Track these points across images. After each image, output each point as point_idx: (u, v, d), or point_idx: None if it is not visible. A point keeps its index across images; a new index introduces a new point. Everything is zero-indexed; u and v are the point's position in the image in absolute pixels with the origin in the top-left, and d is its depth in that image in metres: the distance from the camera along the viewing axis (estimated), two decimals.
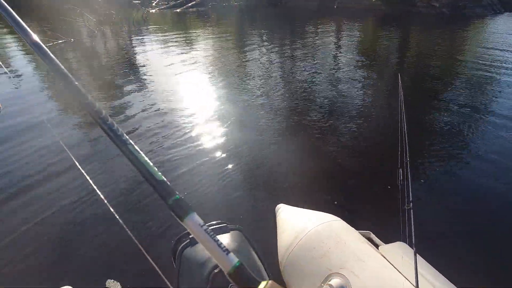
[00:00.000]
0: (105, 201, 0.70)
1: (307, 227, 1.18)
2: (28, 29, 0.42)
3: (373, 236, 1.42)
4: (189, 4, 19.72)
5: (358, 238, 1.17)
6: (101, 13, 13.59)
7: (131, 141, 0.36)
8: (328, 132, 3.65)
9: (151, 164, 0.35)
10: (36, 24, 11.65)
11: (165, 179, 0.34)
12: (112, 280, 1.70)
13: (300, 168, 2.92)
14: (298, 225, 1.23)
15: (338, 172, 2.87)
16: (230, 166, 2.90)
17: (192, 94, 4.94)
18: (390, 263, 1.02)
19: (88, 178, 0.81)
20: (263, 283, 0.30)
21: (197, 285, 0.79)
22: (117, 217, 0.67)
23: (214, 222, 0.97)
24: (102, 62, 7.18)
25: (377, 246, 1.23)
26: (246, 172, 2.84)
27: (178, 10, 18.24)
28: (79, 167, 0.86)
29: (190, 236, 0.90)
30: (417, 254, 0.95)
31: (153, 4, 19.35)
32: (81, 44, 8.88)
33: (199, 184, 2.63)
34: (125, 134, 0.37)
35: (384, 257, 1.06)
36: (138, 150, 0.36)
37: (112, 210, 0.68)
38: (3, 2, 0.44)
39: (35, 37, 0.42)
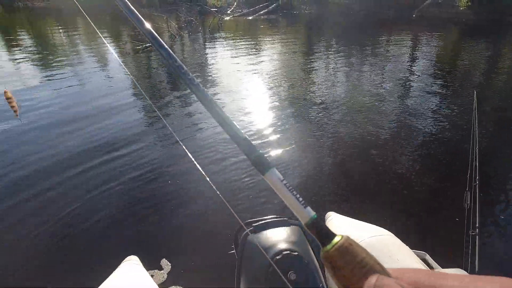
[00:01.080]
0: (199, 167, 0.79)
1: (357, 238, 1.14)
2: (144, 20, 0.47)
3: (428, 257, 1.35)
4: (261, 12, 20.52)
5: (412, 257, 1.11)
6: (183, 20, 15.08)
7: (217, 103, 0.40)
8: (390, 145, 3.48)
9: (235, 123, 0.39)
10: (130, 30, 13.48)
11: (247, 137, 0.37)
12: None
13: (355, 178, 2.87)
14: (349, 234, 1.21)
15: (395, 186, 2.74)
16: (284, 169, 3.00)
17: (254, 94, 5.20)
18: None
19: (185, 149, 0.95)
20: (338, 236, 0.31)
21: (258, 269, 0.83)
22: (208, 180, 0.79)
23: (274, 216, 1.02)
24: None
25: (432, 269, 1.16)
26: (300, 176, 2.91)
27: (250, 18, 19.13)
28: (176, 136, 1.04)
29: (254, 224, 0.96)
30: None
31: (228, 12, 20.66)
32: None
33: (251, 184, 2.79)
34: (212, 97, 0.40)
35: None
36: (224, 111, 0.39)
37: (208, 179, 0.79)
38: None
39: (148, 25, 0.47)
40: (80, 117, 4.22)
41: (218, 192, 0.76)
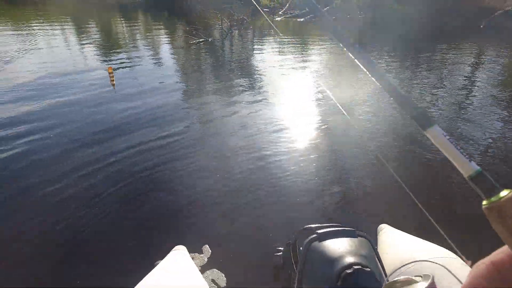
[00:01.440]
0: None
1: (415, 257, 1.04)
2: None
3: None
4: (312, 15, 20.27)
5: None
6: (235, 19, 15.47)
7: (379, 67, 0.43)
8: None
9: (394, 82, 0.42)
10: (185, 24, 14.20)
11: (406, 93, 0.43)
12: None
13: (412, 190, 2.75)
14: (405, 252, 1.10)
15: (461, 203, 2.58)
16: (331, 178, 2.98)
17: (296, 98, 5.20)
18: None
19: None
20: (506, 191, 0.30)
21: (324, 280, 0.78)
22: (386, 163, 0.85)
23: (337, 224, 0.97)
24: (226, 58, 8.26)
25: None
26: (349, 187, 2.86)
27: (301, 20, 19.01)
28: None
29: (320, 231, 0.91)
30: None
31: (280, 13, 20.73)
32: (215, 43, 10.40)
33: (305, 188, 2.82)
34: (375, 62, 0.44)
35: None
36: (383, 70, 0.42)
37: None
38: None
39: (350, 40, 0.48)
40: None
41: (404, 186, 0.77)
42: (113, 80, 3.73)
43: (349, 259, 0.79)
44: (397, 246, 1.18)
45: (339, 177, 3.02)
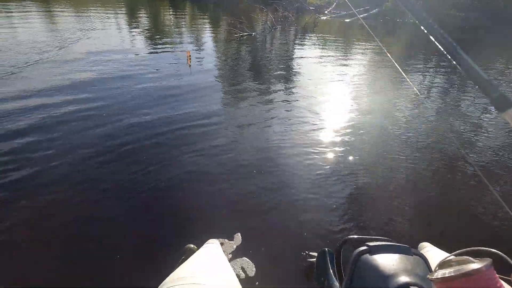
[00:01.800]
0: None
1: None
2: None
3: None
4: (360, 16, 19.53)
5: None
6: (280, 15, 15.39)
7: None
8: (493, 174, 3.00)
9: (477, 67, 0.43)
10: (230, 19, 14.38)
11: (488, 77, 0.42)
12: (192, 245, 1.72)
13: (453, 207, 2.58)
14: None
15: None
16: (372, 191, 2.87)
17: (333, 102, 5.03)
18: None
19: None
20: None
21: None
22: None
23: (388, 239, 0.94)
24: (267, 52, 8.24)
25: None
26: (388, 198, 2.74)
27: (347, 20, 18.42)
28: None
29: (371, 244, 0.88)
30: None
31: (325, 12, 20.26)
32: (258, 38, 10.41)
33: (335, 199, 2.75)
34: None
35: None
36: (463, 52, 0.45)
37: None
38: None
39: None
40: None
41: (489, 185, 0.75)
42: (190, 61, 5.48)
43: (405, 278, 0.74)
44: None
45: (386, 188, 2.89)
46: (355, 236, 1.02)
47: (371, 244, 0.87)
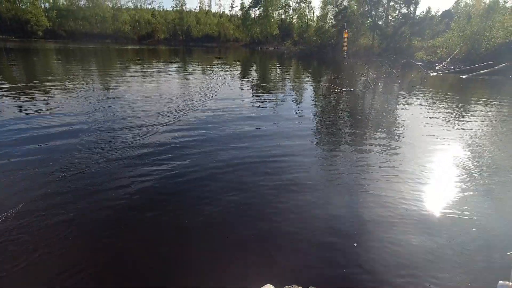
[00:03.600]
0: None
1: None
2: None
3: None
4: (481, 71, 17.40)
5: None
6: (383, 71, 15.31)
7: None
8: None
9: None
10: (331, 73, 15.20)
11: None
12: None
13: None
14: None
15: None
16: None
17: (438, 166, 4.58)
18: None
19: None
20: None
21: None
22: None
23: None
24: (364, 110, 8.25)
25: None
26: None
27: (464, 76, 16.69)
28: None
29: None
30: None
31: (436, 68, 18.97)
32: (356, 94, 10.62)
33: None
34: None
35: None
36: None
37: None
38: None
39: None
40: None
41: None
42: (345, 46, 7.69)
43: None
44: None
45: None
46: None
47: None
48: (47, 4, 55.99)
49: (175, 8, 62.85)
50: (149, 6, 64.61)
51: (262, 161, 4.38)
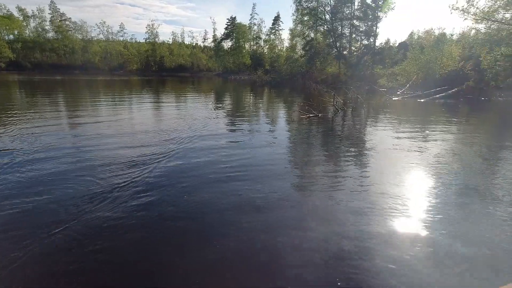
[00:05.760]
0: None
1: None
2: None
3: None
4: (437, 96, 18.97)
5: None
6: (349, 97, 16.20)
7: None
8: None
9: None
10: (302, 100, 15.81)
11: None
12: None
13: None
14: None
15: None
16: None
17: (407, 180, 4.78)
18: None
19: None
20: None
21: None
22: None
23: None
24: (334, 133, 8.56)
25: None
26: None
27: (422, 100, 18.06)
28: None
29: None
30: None
31: (398, 93, 20.40)
32: (324, 119, 11.05)
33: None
34: None
35: None
36: None
37: None
38: None
39: None
40: None
41: None
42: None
43: None
44: None
45: None
46: None
47: None
48: (11, 36, 54.25)
49: (147, 40, 63.23)
50: (121, 38, 64.46)
51: (232, 180, 4.33)
